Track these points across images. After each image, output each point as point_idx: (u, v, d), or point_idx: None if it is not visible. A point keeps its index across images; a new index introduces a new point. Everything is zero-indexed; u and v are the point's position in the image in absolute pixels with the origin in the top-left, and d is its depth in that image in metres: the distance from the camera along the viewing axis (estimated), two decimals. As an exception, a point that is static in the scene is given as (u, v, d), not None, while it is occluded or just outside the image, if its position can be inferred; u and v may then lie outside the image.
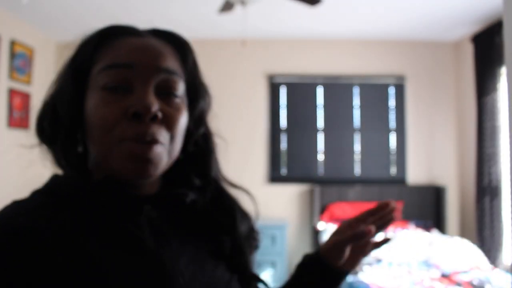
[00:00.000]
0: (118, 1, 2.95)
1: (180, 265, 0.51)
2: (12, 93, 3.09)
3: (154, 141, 0.50)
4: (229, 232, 0.60)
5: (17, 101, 3.16)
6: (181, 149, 0.56)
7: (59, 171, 0.57)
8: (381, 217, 0.66)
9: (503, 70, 3.02)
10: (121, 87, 0.51)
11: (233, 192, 0.65)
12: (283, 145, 3.76)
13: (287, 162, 3.75)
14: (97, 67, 0.52)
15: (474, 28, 3.37)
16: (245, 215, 0.64)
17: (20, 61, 3.18)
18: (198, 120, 0.60)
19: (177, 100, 0.54)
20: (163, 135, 0.51)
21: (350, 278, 2.48)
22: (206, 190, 0.60)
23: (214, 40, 3.78)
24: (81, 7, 3.04)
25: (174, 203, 0.56)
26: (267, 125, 3.76)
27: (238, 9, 2.81)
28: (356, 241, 0.64)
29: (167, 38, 0.57)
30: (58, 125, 0.54)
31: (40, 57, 3.49)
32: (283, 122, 3.77)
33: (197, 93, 0.59)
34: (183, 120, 0.54)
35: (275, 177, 3.73)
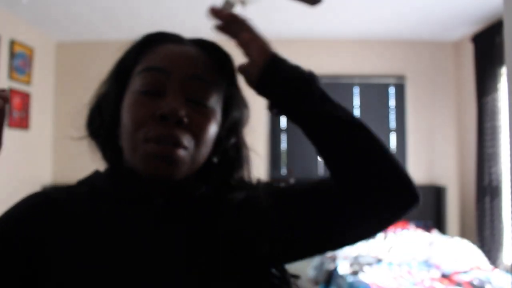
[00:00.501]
0: (118, 1, 2.94)
1: (190, 255, 0.52)
2: (11, 93, 3.09)
3: (177, 144, 0.52)
4: (262, 233, 0.57)
5: (16, 101, 3.16)
6: (209, 156, 0.58)
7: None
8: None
9: (504, 70, 3.02)
10: (154, 90, 0.54)
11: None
12: (283, 145, 3.75)
13: (288, 162, 3.75)
14: (136, 70, 0.56)
15: (474, 28, 3.37)
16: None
17: (20, 61, 3.18)
18: (230, 131, 0.62)
19: (207, 109, 0.55)
20: (187, 140, 0.53)
21: (350, 278, 2.47)
22: (224, 197, 0.60)
23: (214, 40, 3.77)
24: (81, 7, 3.03)
25: (186, 195, 0.58)
26: (267, 125, 3.76)
27: (238, 9, 2.81)
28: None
29: (208, 49, 0.60)
30: (101, 122, 0.59)
31: (40, 57, 3.48)
32: (283, 122, 3.77)
33: (233, 104, 0.61)
34: (211, 129, 0.55)
35: (275, 177, 3.72)
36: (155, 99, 0.53)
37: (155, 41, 0.58)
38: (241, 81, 0.63)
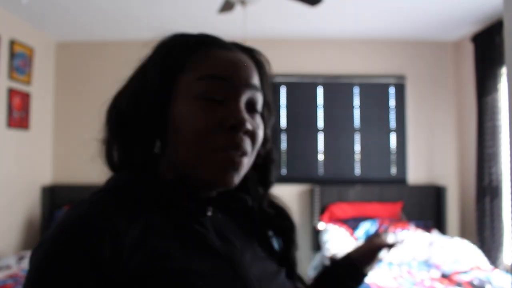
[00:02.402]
0: (117, 2, 2.94)
1: (246, 263, 0.55)
2: (11, 93, 3.09)
3: (245, 153, 0.54)
4: (285, 233, 0.67)
5: (16, 101, 3.16)
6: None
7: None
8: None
9: (504, 70, 3.02)
10: (216, 98, 0.53)
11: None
12: (283, 145, 3.75)
13: (287, 162, 3.75)
14: (193, 75, 0.54)
15: (475, 28, 3.37)
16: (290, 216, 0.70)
17: (20, 61, 3.18)
18: (267, 138, 0.63)
19: (259, 116, 0.58)
20: (249, 147, 0.55)
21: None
22: (265, 196, 0.66)
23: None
24: (81, 8, 3.03)
25: (235, 205, 0.62)
26: (267, 125, 3.76)
27: (238, 9, 2.81)
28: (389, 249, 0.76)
29: (250, 54, 0.60)
30: (138, 125, 0.55)
31: (40, 57, 3.48)
32: (283, 122, 3.77)
33: (269, 110, 0.63)
34: (261, 136, 0.58)
35: (275, 177, 3.71)
36: (217, 106, 0.53)
37: (204, 45, 0.57)
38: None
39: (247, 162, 0.55)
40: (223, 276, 0.51)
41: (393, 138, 3.76)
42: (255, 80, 0.57)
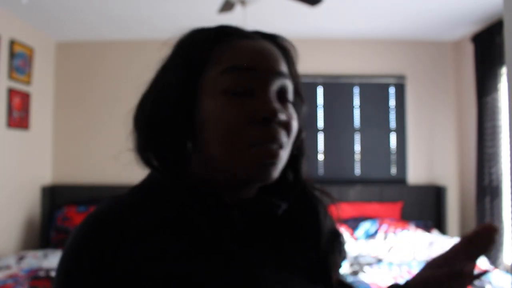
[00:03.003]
0: (118, 1, 2.94)
1: (265, 273, 0.51)
2: (11, 93, 3.09)
3: (281, 145, 0.51)
4: (312, 232, 0.58)
5: (16, 101, 3.15)
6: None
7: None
8: (481, 244, 0.57)
9: (504, 70, 3.02)
10: (244, 90, 0.51)
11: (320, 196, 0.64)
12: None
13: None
14: (216, 69, 0.52)
15: (475, 27, 3.36)
16: (328, 215, 0.62)
17: (20, 61, 3.18)
18: (299, 128, 0.59)
19: (291, 105, 0.55)
20: (285, 139, 0.52)
21: (350, 279, 2.47)
22: (295, 188, 0.59)
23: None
24: (81, 7, 3.03)
25: (266, 211, 0.55)
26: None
27: (238, 9, 2.81)
28: (453, 280, 0.57)
29: (275, 41, 0.58)
30: (166, 128, 0.52)
31: (40, 57, 3.48)
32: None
33: (300, 98, 0.59)
34: (296, 126, 0.55)
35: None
36: (247, 99, 0.51)
37: (227, 36, 0.54)
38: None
39: (284, 155, 0.53)
40: (234, 284, 0.48)
41: (393, 138, 3.76)
42: (283, 67, 0.54)
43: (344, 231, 3.29)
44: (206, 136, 0.51)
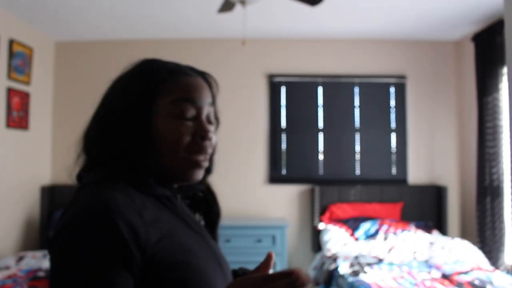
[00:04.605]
0: (117, 1, 2.93)
1: (208, 238, 0.75)
2: (11, 92, 3.08)
3: (207, 156, 0.75)
4: (215, 216, 0.85)
5: (16, 101, 3.14)
6: None
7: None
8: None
9: (505, 70, 3.01)
10: (187, 115, 0.72)
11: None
12: (283, 145, 3.74)
13: (288, 162, 3.74)
14: (169, 97, 0.71)
15: (475, 27, 3.36)
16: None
17: (19, 60, 3.17)
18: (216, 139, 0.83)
19: (213, 124, 0.77)
20: (210, 151, 0.75)
21: (350, 279, 2.47)
22: (204, 180, 0.83)
23: (214, 39, 3.76)
24: (80, 7, 3.02)
25: (190, 193, 0.81)
26: (267, 125, 3.75)
27: (238, 9, 2.80)
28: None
29: (203, 77, 0.79)
30: (132, 134, 0.69)
31: (39, 57, 3.47)
32: (283, 122, 3.75)
33: (217, 120, 0.81)
34: (216, 141, 0.77)
35: (275, 177, 3.71)
36: (189, 122, 0.72)
37: (175, 72, 0.74)
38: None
39: (208, 161, 0.76)
40: (204, 249, 0.69)
41: (393, 138, 3.75)
42: (210, 98, 0.76)
43: (338, 230, 3.28)
44: (160, 146, 0.70)
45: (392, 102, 3.77)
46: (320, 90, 3.77)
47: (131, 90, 0.72)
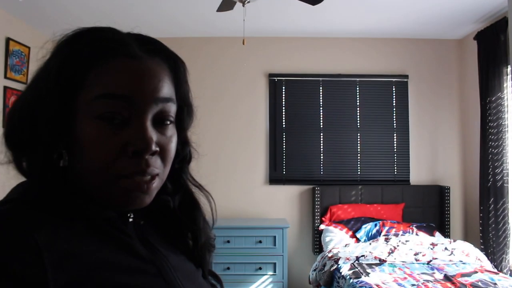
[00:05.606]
0: (115, 1, 2.90)
1: (172, 267, 0.53)
2: (7, 91, 3.05)
3: (153, 176, 0.50)
4: (193, 235, 0.62)
5: (12, 100, 3.11)
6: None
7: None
8: None
9: (509, 69, 2.97)
10: (118, 118, 0.48)
11: (200, 196, 0.65)
12: (284, 145, 3.70)
13: (288, 162, 3.70)
14: (92, 92, 0.48)
15: (478, 25, 3.32)
16: (206, 223, 0.65)
17: (16, 59, 3.14)
18: (185, 141, 0.61)
19: (169, 126, 0.53)
20: (159, 166, 0.51)
21: (352, 280, 2.43)
22: (177, 194, 0.61)
23: (214, 38, 3.73)
24: (77, 6, 2.99)
25: (157, 208, 0.57)
26: (267, 124, 3.71)
27: (238, 7, 2.76)
28: None
29: (159, 55, 0.54)
30: (38, 136, 0.49)
31: (36, 56, 3.43)
32: (284, 121, 3.71)
33: (187, 113, 0.59)
34: (174, 147, 0.54)
35: (276, 177, 3.67)
36: (120, 128, 0.48)
37: (105, 53, 0.49)
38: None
39: (158, 181, 0.52)
40: (154, 286, 0.49)
41: (395, 138, 3.71)
42: (165, 90, 0.51)
43: (339, 231, 3.24)
44: (80, 157, 0.49)
45: (394, 101, 3.73)
46: (321, 89, 3.73)
47: (43, 78, 0.51)
